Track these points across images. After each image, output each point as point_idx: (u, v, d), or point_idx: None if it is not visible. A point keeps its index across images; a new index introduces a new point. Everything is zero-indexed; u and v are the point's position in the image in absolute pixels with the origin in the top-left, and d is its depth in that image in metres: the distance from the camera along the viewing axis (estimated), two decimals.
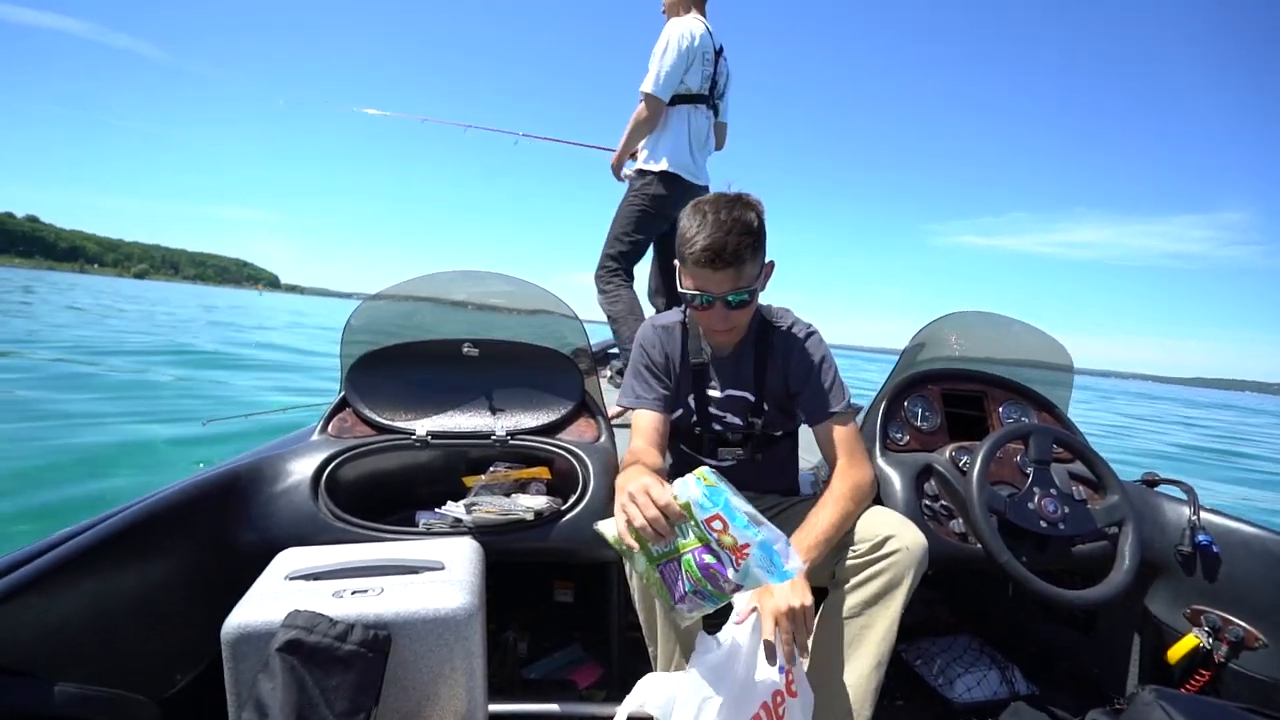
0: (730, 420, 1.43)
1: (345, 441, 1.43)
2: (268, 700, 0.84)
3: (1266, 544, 1.38)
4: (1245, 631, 1.34)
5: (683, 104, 2.57)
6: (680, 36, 2.47)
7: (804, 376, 1.36)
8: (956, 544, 1.41)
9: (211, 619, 0.93)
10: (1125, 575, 1.32)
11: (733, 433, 1.43)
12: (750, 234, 1.19)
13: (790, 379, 1.38)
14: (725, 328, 1.29)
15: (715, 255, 1.17)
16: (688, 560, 0.94)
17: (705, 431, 1.44)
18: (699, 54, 2.53)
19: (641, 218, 2.62)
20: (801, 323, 1.41)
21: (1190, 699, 1.03)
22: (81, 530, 0.98)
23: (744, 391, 1.40)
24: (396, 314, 1.75)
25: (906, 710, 1.57)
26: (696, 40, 2.50)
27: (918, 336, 1.82)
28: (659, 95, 2.48)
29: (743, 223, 1.18)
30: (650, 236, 2.69)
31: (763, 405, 1.40)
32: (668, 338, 1.43)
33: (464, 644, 0.98)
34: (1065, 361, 1.89)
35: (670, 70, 2.46)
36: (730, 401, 1.41)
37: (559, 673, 1.58)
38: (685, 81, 2.54)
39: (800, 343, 1.37)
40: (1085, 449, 1.51)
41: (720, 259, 1.17)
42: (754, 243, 1.20)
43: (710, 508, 0.92)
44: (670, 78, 2.48)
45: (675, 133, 2.58)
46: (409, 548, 1.17)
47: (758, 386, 1.40)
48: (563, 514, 1.33)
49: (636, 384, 1.42)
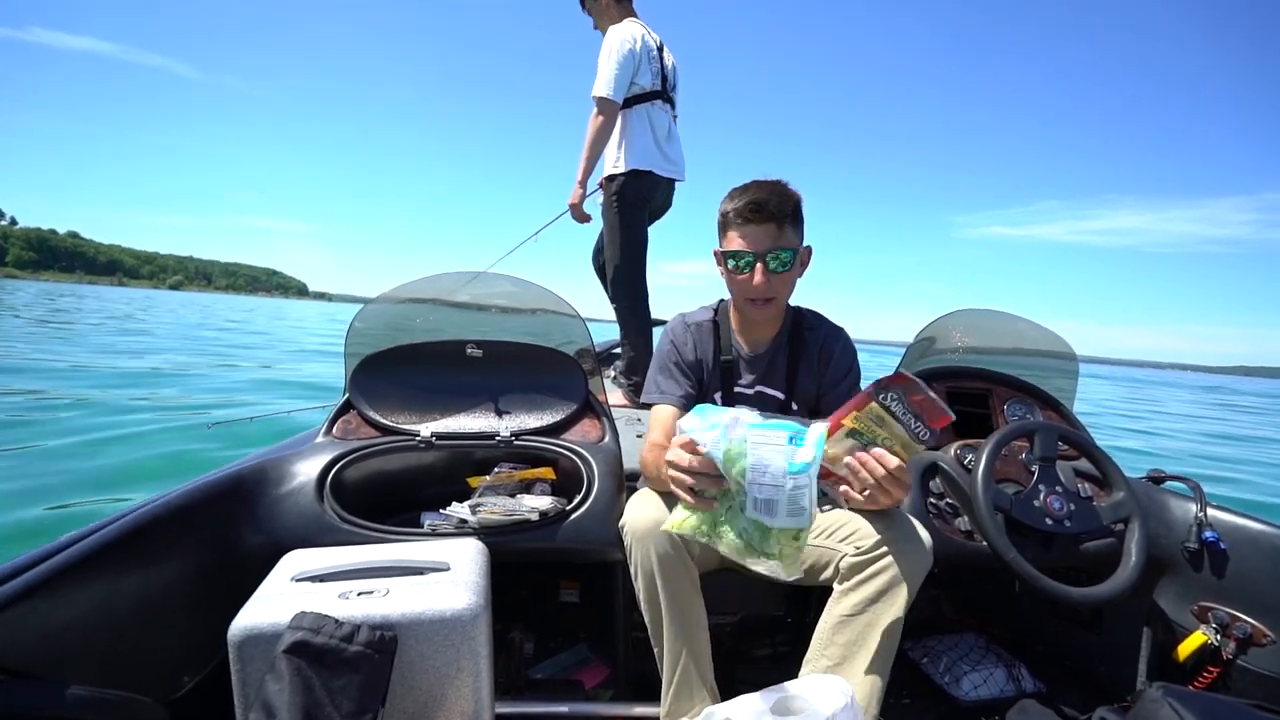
0: None
1: (350, 443, 1.43)
2: (275, 702, 0.84)
3: (1274, 540, 1.37)
4: (1253, 628, 1.33)
5: (640, 104, 2.62)
6: (623, 41, 2.54)
7: (837, 378, 1.37)
8: (962, 542, 1.41)
9: (218, 621, 0.94)
10: (1132, 572, 1.32)
11: None
12: (791, 199, 1.24)
13: (824, 379, 1.39)
14: (765, 295, 1.28)
15: (759, 207, 1.22)
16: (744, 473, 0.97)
17: None
18: (644, 54, 2.60)
19: (626, 215, 2.65)
20: (833, 325, 1.43)
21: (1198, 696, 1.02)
22: (89, 533, 0.98)
23: (775, 390, 1.40)
24: (400, 315, 1.75)
25: (913, 708, 1.57)
26: (639, 43, 2.57)
27: (922, 334, 1.82)
28: (613, 97, 2.53)
29: (784, 189, 1.25)
30: (641, 230, 2.71)
31: (792, 405, 1.40)
32: (700, 334, 1.42)
33: (470, 645, 0.98)
34: (1071, 359, 1.89)
35: (619, 73, 2.52)
36: (760, 399, 1.40)
37: (565, 673, 1.58)
38: (637, 82, 2.59)
39: (835, 344, 1.39)
40: (1091, 446, 1.51)
41: (763, 211, 1.22)
42: (795, 209, 1.25)
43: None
44: (620, 80, 2.53)
45: (637, 133, 2.62)
46: (414, 549, 1.17)
47: (789, 385, 1.39)
48: (568, 514, 1.33)
49: (661, 379, 1.40)
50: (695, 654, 1.19)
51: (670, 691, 1.21)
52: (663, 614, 1.19)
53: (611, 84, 2.51)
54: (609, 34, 2.58)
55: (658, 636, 1.22)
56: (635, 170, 2.60)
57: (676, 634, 1.19)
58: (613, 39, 2.55)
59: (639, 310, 2.70)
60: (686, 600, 1.18)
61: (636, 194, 2.63)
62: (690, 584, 1.19)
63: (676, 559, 1.16)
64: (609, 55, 2.52)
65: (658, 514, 1.18)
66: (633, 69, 2.55)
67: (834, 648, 1.16)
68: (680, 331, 1.43)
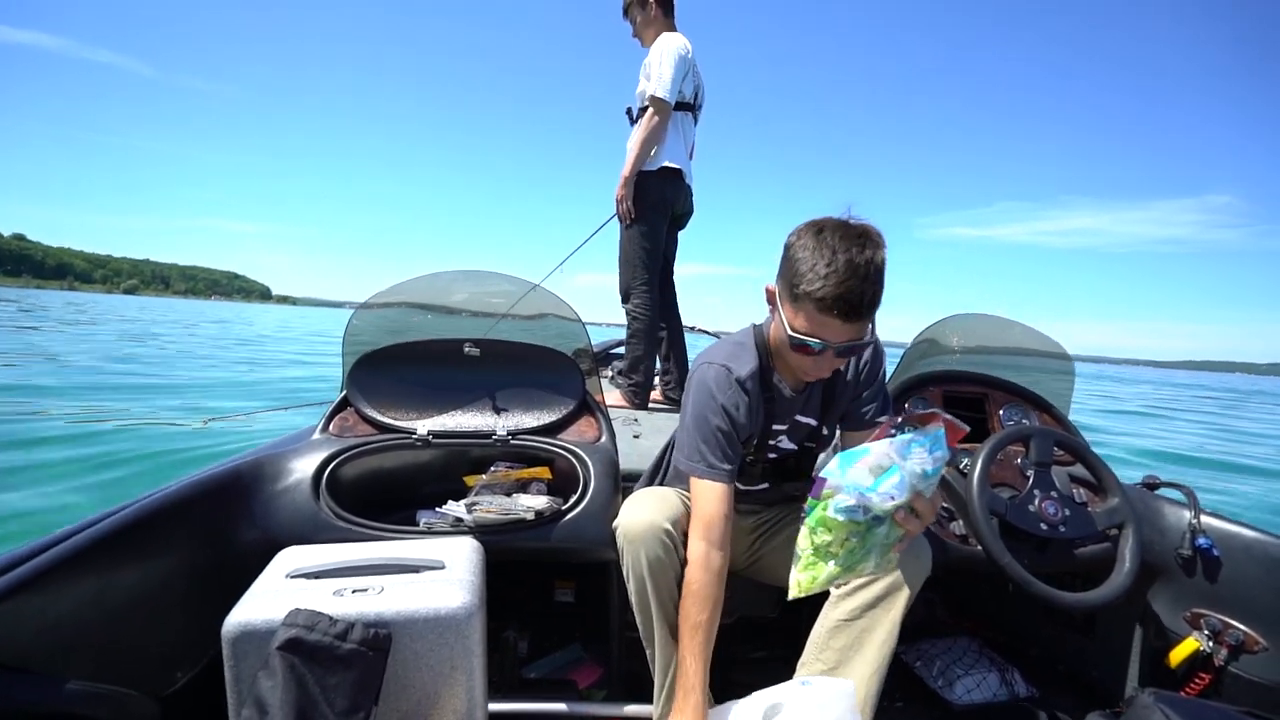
0: (784, 445, 1.33)
1: (346, 440, 1.43)
2: (268, 698, 0.84)
3: (1267, 548, 1.38)
4: (1245, 635, 1.33)
5: (676, 111, 2.66)
6: (679, 48, 2.58)
7: (872, 391, 1.30)
8: (957, 546, 1.41)
9: (212, 617, 0.94)
10: (1126, 578, 1.32)
11: (786, 459, 1.35)
12: (882, 281, 1.05)
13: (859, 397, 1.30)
14: (827, 375, 1.19)
15: (851, 308, 1.02)
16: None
17: (758, 461, 1.33)
18: (690, 65, 2.66)
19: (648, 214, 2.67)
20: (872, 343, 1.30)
21: (1190, 702, 1.03)
22: (83, 528, 0.98)
23: (809, 418, 1.31)
24: (398, 314, 1.75)
25: (906, 712, 1.57)
26: (689, 52, 2.62)
27: (919, 338, 1.82)
28: (667, 99, 2.56)
29: (876, 267, 1.03)
30: (659, 232, 2.73)
31: (823, 429, 1.33)
32: (752, 390, 1.22)
33: (464, 643, 0.98)
34: (1067, 364, 1.89)
35: (674, 76, 2.56)
36: (794, 427, 1.32)
37: (559, 672, 1.59)
38: (681, 90, 2.63)
39: (870, 356, 1.28)
40: (1086, 451, 1.51)
41: (855, 312, 1.03)
42: (882, 289, 1.06)
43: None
44: (674, 83, 2.57)
45: (671, 137, 2.67)
46: (410, 547, 1.17)
47: (823, 411, 1.31)
48: (563, 514, 1.33)
49: (710, 452, 1.18)
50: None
51: (662, 695, 1.21)
52: (653, 618, 1.19)
53: (669, 86, 2.56)
54: (664, 39, 2.63)
55: (649, 639, 1.22)
56: (666, 168, 2.64)
57: (667, 638, 1.19)
58: (668, 44, 2.59)
59: (648, 312, 2.72)
60: (676, 604, 1.17)
61: (661, 195, 2.67)
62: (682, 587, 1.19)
63: (668, 563, 1.16)
64: (666, 58, 2.57)
65: (652, 516, 1.18)
66: (682, 75, 2.61)
67: (829, 652, 1.17)
68: (729, 393, 1.20)
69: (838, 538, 1.03)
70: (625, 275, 2.74)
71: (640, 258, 2.68)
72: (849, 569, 1.05)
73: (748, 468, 1.32)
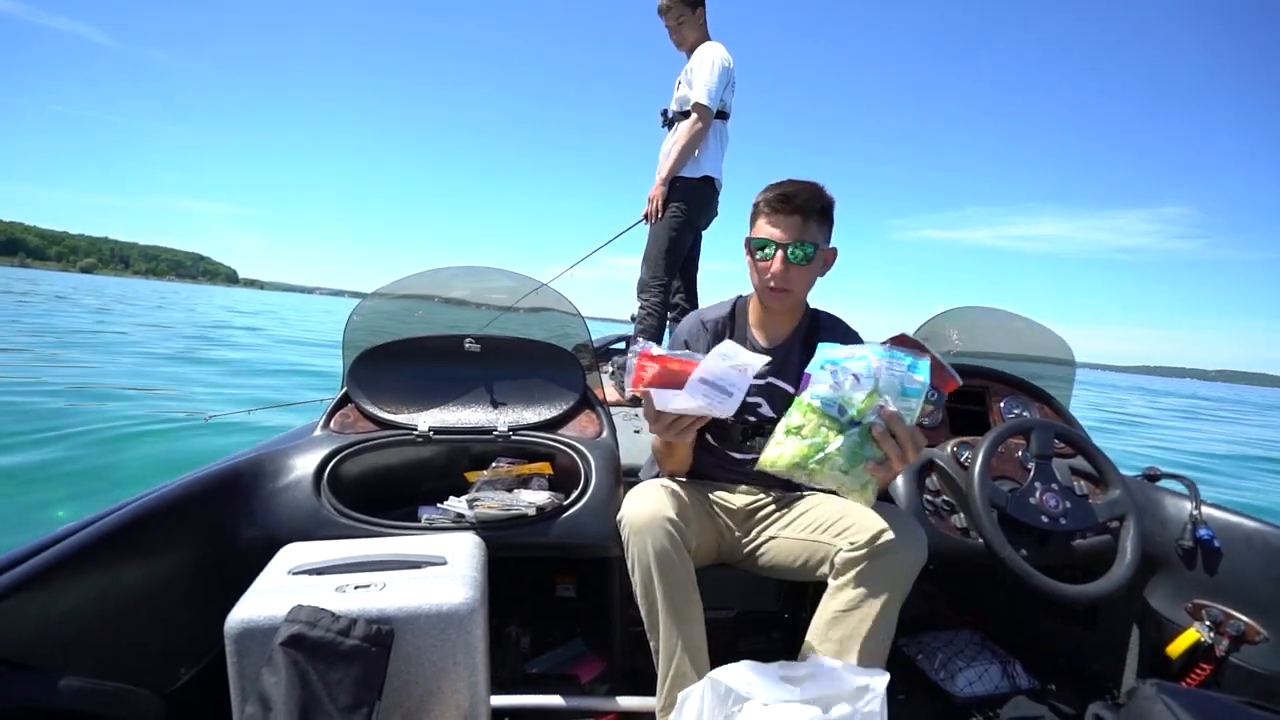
0: (765, 412, 1.39)
1: (348, 437, 1.43)
2: (271, 694, 0.85)
3: (1267, 538, 1.38)
4: (1246, 626, 1.34)
5: (716, 120, 2.70)
6: (721, 57, 2.63)
7: None
8: (958, 539, 1.41)
9: (215, 613, 0.94)
10: (1126, 570, 1.32)
11: (766, 424, 1.40)
12: (821, 199, 1.27)
13: None
14: (782, 285, 1.29)
15: (787, 199, 1.25)
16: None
17: (737, 420, 1.40)
18: (731, 78, 2.71)
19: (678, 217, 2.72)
20: (849, 327, 1.43)
21: (1191, 693, 1.03)
22: (86, 525, 0.98)
23: (787, 384, 1.38)
24: (398, 309, 1.75)
25: (908, 704, 1.57)
26: (731, 63, 2.67)
27: (920, 331, 1.82)
28: (711, 106, 2.60)
29: (816, 188, 1.28)
30: (685, 236, 2.79)
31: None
32: (715, 329, 1.41)
33: (466, 639, 0.98)
34: (1067, 357, 1.89)
35: (718, 84, 2.61)
36: (770, 390, 1.39)
37: (561, 667, 1.59)
38: (723, 98, 2.68)
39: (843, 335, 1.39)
40: (1087, 444, 1.51)
41: (791, 203, 1.25)
42: (823, 208, 1.28)
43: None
44: (718, 91, 2.62)
45: (712, 145, 2.72)
46: (411, 543, 1.17)
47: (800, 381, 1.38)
48: (565, 509, 1.33)
49: None
50: (691, 648, 1.19)
51: (665, 685, 1.21)
52: (658, 607, 1.19)
53: (714, 94, 2.61)
54: (709, 48, 2.66)
55: (653, 630, 1.22)
56: (707, 176, 2.71)
57: (672, 628, 1.19)
58: (714, 53, 2.63)
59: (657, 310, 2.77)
60: (682, 594, 1.18)
61: (695, 202, 2.73)
62: (686, 578, 1.19)
63: (673, 552, 1.17)
64: (711, 67, 2.60)
65: (656, 508, 1.18)
66: (725, 85, 2.66)
67: (829, 643, 1.17)
68: (693, 330, 1.41)
69: (810, 423, 1.07)
70: (645, 271, 2.79)
71: (662, 258, 2.73)
72: (817, 453, 1.06)
73: (729, 429, 1.40)
